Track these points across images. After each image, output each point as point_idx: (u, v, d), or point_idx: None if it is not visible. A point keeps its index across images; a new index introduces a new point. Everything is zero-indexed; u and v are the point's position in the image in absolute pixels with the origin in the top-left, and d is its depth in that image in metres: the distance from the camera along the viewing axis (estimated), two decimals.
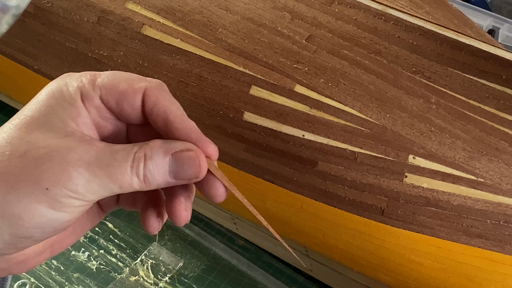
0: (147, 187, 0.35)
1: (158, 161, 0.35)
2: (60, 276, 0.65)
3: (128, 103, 0.36)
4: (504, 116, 0.48)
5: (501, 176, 0.47)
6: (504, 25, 0.83)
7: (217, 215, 0.69)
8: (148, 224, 0.39)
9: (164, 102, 0.36)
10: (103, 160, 0.34)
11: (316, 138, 0.50)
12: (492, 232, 0.48)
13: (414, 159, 0.48)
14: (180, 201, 0.37)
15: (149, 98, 0.36)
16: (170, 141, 0.36)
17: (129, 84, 0.36)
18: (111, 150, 0.35)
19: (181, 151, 0.35)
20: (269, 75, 0.52)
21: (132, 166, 0.34)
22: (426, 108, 0.49)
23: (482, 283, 0.51)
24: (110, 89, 0.36)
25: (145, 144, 0.35)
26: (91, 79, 0.36)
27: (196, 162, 0.35)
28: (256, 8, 0.56)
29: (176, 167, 0.35)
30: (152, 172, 0.35)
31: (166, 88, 0.37)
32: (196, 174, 0.36)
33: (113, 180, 0.34)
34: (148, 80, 0.37)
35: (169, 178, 0.35)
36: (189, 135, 0.36)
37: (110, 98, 0.36)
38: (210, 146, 0.36)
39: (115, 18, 0.58)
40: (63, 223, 0.35)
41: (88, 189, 0.34)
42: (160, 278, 0.65)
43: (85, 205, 0.35)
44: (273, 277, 0.66)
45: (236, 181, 0.36)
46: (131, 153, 0.35)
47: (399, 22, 0.53)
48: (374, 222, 0.51)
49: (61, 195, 0.33)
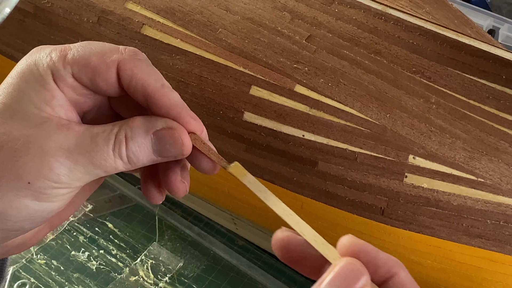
0: (133, 167, 0.34)
1: (140, 141, 0.33)
2: (60, 276, 0.65)
3: (102, 79, 0.34)
4: (504, 116, 0.48)
5: (501, 176, 0.47)
6: (504, 25, 0.83)
7: (217, 215, 0.69)
8: (150, 196, 0.37)
9: (141, 74, 0.34)
10: (83, 146, 0.33)
11: (316, 138, 0.50)
12: (492, 232, 0.48)
13: (414, 159, 0.48)
14: (175, 173, 0.36)
15: (124, 72, 0.34)
16: (151, 118, 0.34)
17: (101, 59, 0.34)
18: (91, 134, 0.33)
19: (162, 129, 0.34)
20: (269, 75, 0.52)
21: (114, 149, 0.33)
22: (426, 108, 0.49)
23: (482, 283, 0.51)
24: (82, 66, 0.34)
25: (125, 123, 0.34)
26: (61, 55, 0.34)
27: (179, 141, 0.34)
28: (256, 8, 0.56)
29: (159, 146, 0.34)
30: (135, 153, 0.33)
31: (142, 56, 0.35)
32: (180, 152, 0.34)
33: (97, 166, 0.33)
34: (121, 50, 0.34)
35: (154, 156, 0.34)
36: (169, 110, 0.34)
37: (82, 76, 0.34)
38: (191, 122, 0.34)
39: (115, 18, 0.58)
40: (53, 211, 0.34)
41: (72, 177, 0.33)
42: (160, 278, 0.65)
43: (73, 191, 0.34)
44: (273, 277, 0.66)
45: (236, 181, 0.36)
46: (112, 135, 0.33)
47: (399, 22, 0.53)
48: (374, 222, 0.51)
49: (44, 187, 0.32)
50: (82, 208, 0.70)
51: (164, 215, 0.71)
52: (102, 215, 0.71)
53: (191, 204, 0.71)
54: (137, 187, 0.74)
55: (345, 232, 0.55)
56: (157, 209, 0.71)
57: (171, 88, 0.34)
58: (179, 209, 0.72)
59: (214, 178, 0.58)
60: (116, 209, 0.72)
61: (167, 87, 0.34)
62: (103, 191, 0.74)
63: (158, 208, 0.71)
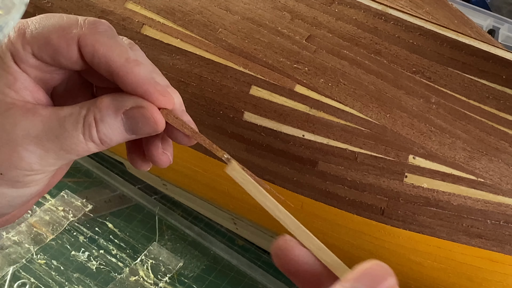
0: (107, 147, 0.33)
1: (111, 122, 0.32)
2: (60, 276, 0.65)
3: (64, 57, 0.33)
4: (504, 116, 0.48)
5: (501, 176, 0.47)
6: (504, 25, 0.83)
7: (217, 215, 0.69)
8: (136, 164, 0.36)
9: (103, 49, 0.32)
10: (52, 132, 0.31)
11: (316, 138, 0.50)
12: (492, 232, 0.48)
13: (414, 159, 0.48)
14: (156, 146, 0.35)
15: (85, 48, 0.32)
16: (119, 97, 0.32)
17: (61, 35, 0.32)
18: (58, 118, 0.32)
19: (132, 108, 0.32)
20: (269, 75, 0.52)
21: (84, 133, 0.32)
22: (426, 108, 0.49)
23: (482, 283, 0.51)
24: (42, 44, 0.32)
25: (92, 105, 0.32)
26: (19, 34, 0.32)
27: (151, 119, 0.32)
28: (256, 8, 0.56)
29: (131, 125, 0.32)
30: (107, 134, 0.32)
31: (103, 27, 0.33)
32: (155, 130, 0.33)
33: (68, 151, 0.32)
34: (80, 24, 0.32)
35: (127, 135, 0.33)
36: (136, 88, 0.32)
37: (43, 54, 0.33)
38: (160, 98, 0.33)
39: (115, 18, 0.58)
40: (32, 194, 0.33)
41: (44, 164, 0.32)
42: (160, 278, 0.65)
43: (49, 174, 0.33)
44: (273, 277, 0.66)
45: (236, 181, 0.36)
46: (80, 118, 0.32)
47: (399, 22, 0.53)
48: (374, 222, 0.51)
49: (18, 176, 0.31)
50: (82, 208, 0.70)
51: (164, 215, 0.71)
52: (102, 215, 0.71)
53: (191, 204, 0.71)
54: (137, 187, 0.73)
55: (345, 232, 0.55)
56: (157, 209, 0.71)
57: (137, 61, 0.33)
58: (179, 209, 0.72)
59: (214, 178, 0.58)
60: (116, 209, 0.72)
61: (132, 61, 0.32)
62: (103, 191, 0.74)
63: (158, 208, 0.71)
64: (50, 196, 0.70)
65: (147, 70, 0.33)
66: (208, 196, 0.64)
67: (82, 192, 0.73)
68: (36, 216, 0.69)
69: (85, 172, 0.75)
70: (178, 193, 0.70)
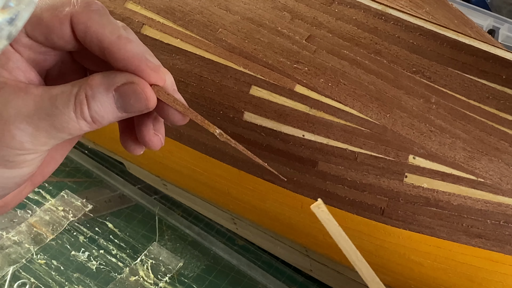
0: (99, 127, 0.33)
1: (102, 100, 0.32)
2: (60, 276, 0.65)
3: (57, 36, 0.32)
4: (504, 116, 0.48)
5: (501, 176, 0.47)
6: (504, 25, 0.83)
7: (217, 215, 0.69)
8: (129, 148, 0.36)
9: (95, 27, 0.32)
10: (43, 110, 0.31)
11: (316, 138, 0.50)
12: (492, 232, 0.48)
13: (414, 159, 0.48)
14: (147, 127, 0.35)
15: (77, 26, 0.32)
16: (110, 74, 0.32)
17: (53, 14, 0.32)
18: (50, 96, 0.32)
19: (123, 85, 0.32)
20: (269, 75, 0.52)
21: (75, 111, 0.32)
22: (426, 108, 0.49)
23: (482, 283, 0.51)
24: (34, 23, 0.32)
25: (84, 82, 0.32)
26: None
27: (142, 95, 0.32)
28: (256, 8, 0.56)
29: (123, 102, 0.32)
30: (99, 112, 0.32)
31: (96, 6, 0.33)
32: (146, 106, 0.33)
33: (60, 130, 0.32)
34: (73, 2, 0.33)
35: (119, 113, 0.33)
36: (128, 64, 0.32)
37: (37, 34, 0.32)
38: (151, 74, 0.33)
39: (115, 18, 0.58)
40: (24, 176, 0.33)
41: (36, 143, 0.32)
42: (160, 278, 0.65)
43: (41, 155, 0.33)
44: (273, 277, 0.66)
45: (236, 181, 0.36)
46: (71, 96, 0.32)
47: (399, 22, 0.53)
48: (374, 222, 0.51)
49: (9, 156, 0.31)
50: (82, 208, 0.70)
51: (164, 215, 0.71)
52: (102, 215, 0.71)
53: (191, 204, 0.71)
54: (137, 187, 0.74)
55: (345, 232, 0.55)
56: (157, 209, 0.71)
57: (129, 39, 0.33)
58: (179, 209, 0.72)
59: (214, 178, 0.58)
60: (116, 209, 0.72)
61: (124, 38, 0.33)
62: (103, 191, 0.74)
63: (158, 208, 0.71)
64: (50, 196, 0.71)
65: (138, 47, 0.33)
66: (208, 196, 0.64)
67: (82, 192, 0.73)
68: (36, 216, 0.69)
69: (85, 172, 0.75)
70: (178, 193, 0.70)
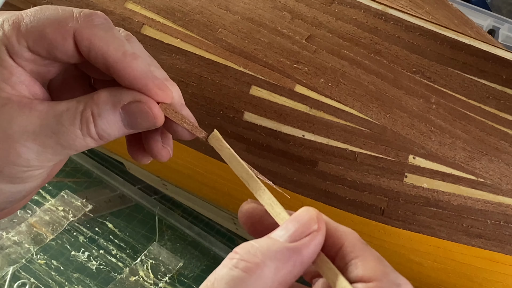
0: (105, 142, 0.33)
1: (109, 117, 0.32)
2: (60, 276, 0.65)
3: (60, 51, 0.32)
4: (504, 116, 0.48)
5: (501, 176, 0.47)
6: (504, 25, 0.83)
7: (217, 215, 0.69)
8: (137, 158, 0.36)
9: (99, 43, 0.32)
10: (48, 128, 0.31)
11: (316, 138, 0.50)
12: (492, 232, 0.48)
13: (414, 159, 0.48)
14: (155, 140, 0.35)
15: (81, 43, 0.32)
16: (116, 91, 0.32)
17: (56, 29, 0.31)
18: (55, 114, 0.31)
19: (130, 103, 0.32)
20: (269, 75, 0.52)
21: (81, 129, 0.31)
22: (426, 108, 0.49)
23: (482, 283, 0.51)
24: (37, 38, 0.32)
25: (90, 99, 0.32)
26: (14, 27, 0.31)
27: (149, 114, 0.32)
28: (256, 8, 0.56)
29: (130, 120, 0.32)
30: (106, 130, 0.32)
31: (99, 20, 0.32)
32: (154, 125, 0.33)
33: (66, 147, 0.32)
34: (76, 16, 0.32)
35: (126, 129, 0.32)
36: (134, 82, 0.32)
37: (39, 48, 0.32)
38: (158, 93, 0.32)
39: (115, 18, 0.58)
40: (31, 189, 0.33)
41: (43, 159, 0.32)
42: (160, 278, 0.65)
43: (47, 169, 0.33)
44: None
45: (236, 181, 0.36)
46: (77, 113, 0.31)
47: (399, 22, 0.53)
48: (374, 222, 0.51)
49: (16, 172, 0.31)
50: (82, 208, 0.70)
51: (164, 215, 0.71)
52: (102, 215, 0.71)
53: (191, 204, 0.71)
54: (137, 187, 0.73)
55: None
56: (157, 209, 0.71)
57: (134, 55, 0.32)
58: (179, 209, 0.72)
59: (215, 179, 0.58)
60: (116, 209, 0.72)
61: (129, 55, 0.32)
62: (103, 191, 0.74)
63: (158, 208, 0.71)
64: (50, 196, 0.70)
65: (144, 63, 0.33)
66: (208, 196, 0.64)
67: (82, 192, 0.73)
68: (36, 216, 0.69)
69: (85, 172, 0.75)
70: (178, 193, 0.70)
